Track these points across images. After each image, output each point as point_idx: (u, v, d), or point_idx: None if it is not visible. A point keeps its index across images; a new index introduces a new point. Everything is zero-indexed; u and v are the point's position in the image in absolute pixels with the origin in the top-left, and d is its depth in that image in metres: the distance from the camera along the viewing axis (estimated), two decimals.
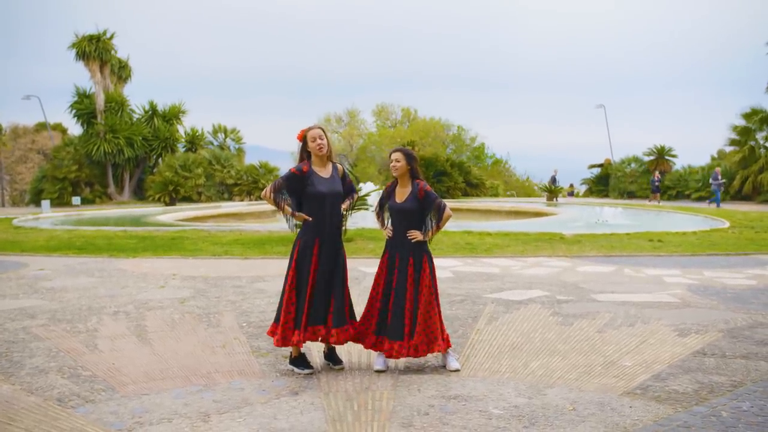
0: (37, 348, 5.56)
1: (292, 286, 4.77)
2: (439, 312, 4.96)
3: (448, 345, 4.97)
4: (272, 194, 4.85)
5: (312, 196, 4.81)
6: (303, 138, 4.92)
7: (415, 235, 4.89)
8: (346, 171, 5.10)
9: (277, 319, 4.84)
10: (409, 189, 4.95)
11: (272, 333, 4.88)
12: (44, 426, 3.87)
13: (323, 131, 4.93)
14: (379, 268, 5.01)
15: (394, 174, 4.95)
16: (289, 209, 4.86)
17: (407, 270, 4.85)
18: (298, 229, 4.97)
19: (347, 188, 5.05)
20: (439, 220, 4.90)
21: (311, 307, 4.79)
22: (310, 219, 4.82)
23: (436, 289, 4.94)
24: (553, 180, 34.91)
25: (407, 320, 4.79)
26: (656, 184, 33.37)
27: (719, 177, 28.28)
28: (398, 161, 4.92)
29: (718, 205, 27.13)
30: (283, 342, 4.78)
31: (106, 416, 4.02)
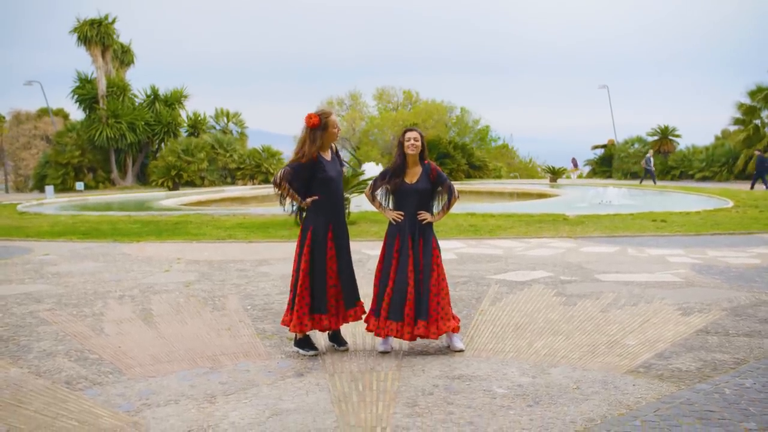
0: (44, 332, 5.61)
1: (306, 272, 4.76)
2: (448, 292, 4.97)
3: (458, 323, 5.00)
4: (282, 182, 4.79)
5: (323, 181, 4.80)
6: (323, 123, 4.81)
7: (426, 216, 4.89)
8: (338, 150, 5.11)
9: (293, 307, 4.81)
10: (419, 169, 4.91)
11: (289, 322, 4.83)
12: (53, 408, 3.91)
13: None
14: (385, 251, 4.94)
15: (410, 152, 4.85)
16: (297, 197, 4.83)
17: (419, 252, 4.82)
18: (299, 211, 4.96)
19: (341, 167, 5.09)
20: (449, 202, 4.91)
21: (342, 292, 4.84)
22: (317, 198, 4.81)
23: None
24: (648, 162, 31.09)
25: (430, 301, 4.77)
26: (767, 165, 26.38)
27: None
28: (417, 140, 4.87)
29: None
30: (300, 327, 4.77)
31: (114, 398, 4.07)
